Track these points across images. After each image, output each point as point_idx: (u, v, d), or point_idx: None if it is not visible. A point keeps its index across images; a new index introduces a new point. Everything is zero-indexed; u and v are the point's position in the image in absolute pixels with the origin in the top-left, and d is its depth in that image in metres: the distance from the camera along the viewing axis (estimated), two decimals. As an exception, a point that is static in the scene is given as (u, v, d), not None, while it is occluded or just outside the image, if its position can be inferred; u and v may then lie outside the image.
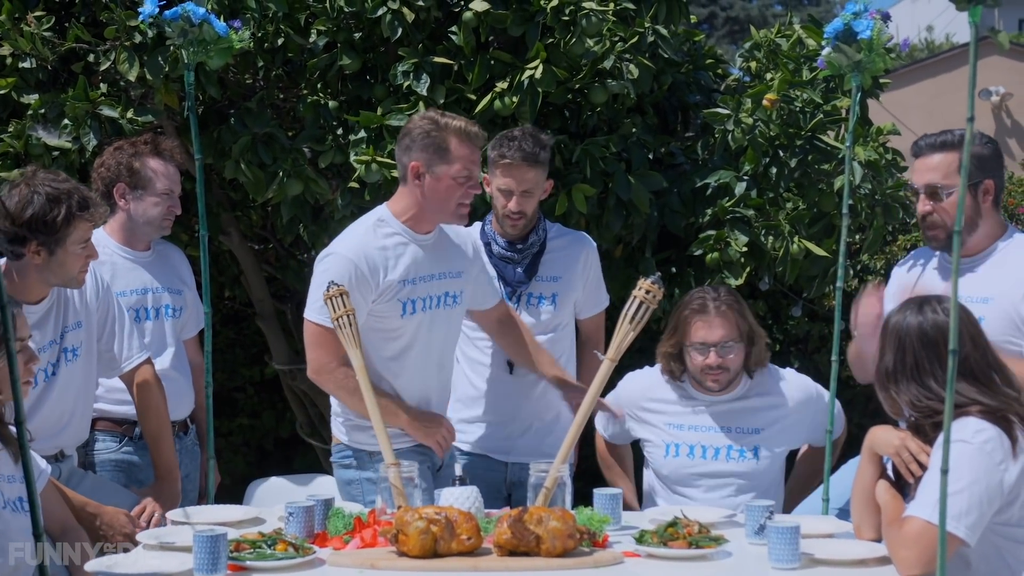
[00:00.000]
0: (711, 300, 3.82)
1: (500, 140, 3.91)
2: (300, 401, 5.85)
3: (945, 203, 3.44)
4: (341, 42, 4.67)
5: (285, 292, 5.95)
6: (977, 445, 2.75)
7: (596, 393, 3.34)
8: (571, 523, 2.91)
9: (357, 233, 3.60)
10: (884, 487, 2.97)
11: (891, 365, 2.96)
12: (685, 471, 3.85)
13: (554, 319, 4.02)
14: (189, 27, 3.60)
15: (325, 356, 3.53)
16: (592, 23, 4.49)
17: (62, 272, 3.41)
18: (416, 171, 3.56)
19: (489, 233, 4.03)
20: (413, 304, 3.59)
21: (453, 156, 3.55)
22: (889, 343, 2.97)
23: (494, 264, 3.99)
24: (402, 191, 3.63)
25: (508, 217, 3.93)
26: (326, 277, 3.46)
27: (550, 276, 4.01)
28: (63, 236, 3.35)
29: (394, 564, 2.86)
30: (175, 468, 3.80)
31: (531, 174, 3.88)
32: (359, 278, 3.50)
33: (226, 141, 4.67)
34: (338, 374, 3.52)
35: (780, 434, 3.89)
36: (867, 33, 3.50)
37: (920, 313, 2.95)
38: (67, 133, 4.48)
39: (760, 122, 4.78)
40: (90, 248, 3.45)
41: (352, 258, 3.51)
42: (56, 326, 3.52)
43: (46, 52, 4.54)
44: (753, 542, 3.08)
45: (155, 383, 3.77)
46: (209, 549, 2.71)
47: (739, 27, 30.18)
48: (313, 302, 3.53)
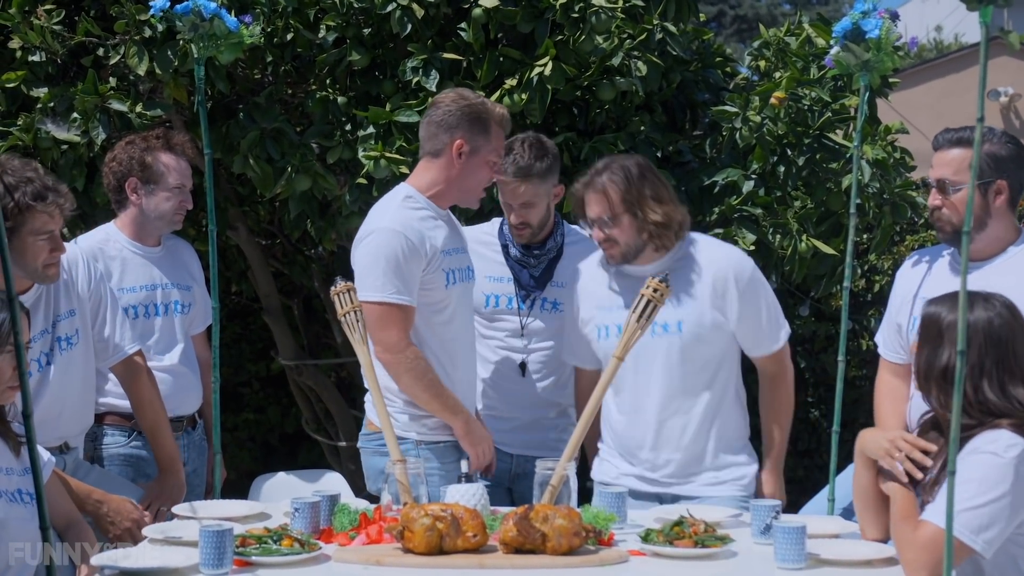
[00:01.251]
0: (594, 174, 3.67)
1: (505, 149, 3.85)
2: (306, 397, 5.86)
3: (953, 198, 3.43)
4: (350, 38, 4.67)
5: (292, 287, 5.96)
6: (1008, 460, 2.70)
7: (603, 391, 3.34)
8: (577, 521, 2.91)
9: (392, 208, 3.59)
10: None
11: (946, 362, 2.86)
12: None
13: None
14: (200, 22, 3.61)
15: (397, 334, 3.49)
16: (601, 20, 4.49)
17: (22, 263, 3.34)
18: (459, 148, 3.59)
19: (507, 235, 4.05)
20: (454, 274, 3.61)
21: (492, 138, 3.62)
22: (948, 340, 2.86)
23: (510, 267, 4.00)
24: (429, 165, 3.64)
25: (514, 228, 3.98)
26: (377, 253, 3.46)
27: (564, 282, 3.96)
28: (16, 225, 3.28)
29: (400, 561, 2.86)
30: (177, 460, 3.80)
31: (524, 188, 3.89)
32: (410, 248, 3.49)
33: (234, 136, 4.67)
34: (409, 354, 3.50)
35: (697, 308, 3.59)
36: (875, 32, 3.49)
37: (986, 308, 2.88)
38: (76, 127, 4.49)
39: (768, 120, 4.77)
40: (54, 241, 3.38)
41: (399, 230, 3.50)
42: (47, 315, 3.51)
43: (56, 46, 4.55)
44: (759, 542, 3.08)
45: (147, 375, 3.77)
46: (215, 544, 2.71)
47: (747, 26, 30.13)
48: (372, 281, 3.48)
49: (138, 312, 4.00)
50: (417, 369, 3.50)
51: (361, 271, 3.53)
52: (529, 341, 4.00)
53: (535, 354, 4.00)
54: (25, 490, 2.92)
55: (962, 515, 2.65)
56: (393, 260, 3.46)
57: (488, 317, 4.03)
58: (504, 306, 4.01)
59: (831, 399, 4.02)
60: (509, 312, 4.02)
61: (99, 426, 3.92)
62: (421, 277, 3.52)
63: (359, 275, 3.54)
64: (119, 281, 3.96)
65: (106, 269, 3.90)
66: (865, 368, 6.28)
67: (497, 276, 4.03)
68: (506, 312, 4.02)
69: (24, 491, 2.91)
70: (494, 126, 3.62)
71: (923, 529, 2.73)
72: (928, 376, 2.90)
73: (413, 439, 3.60)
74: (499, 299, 4.02)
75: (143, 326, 4.00)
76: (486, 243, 4.06)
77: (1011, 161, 3.42)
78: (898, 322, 3.61)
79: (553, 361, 3.99)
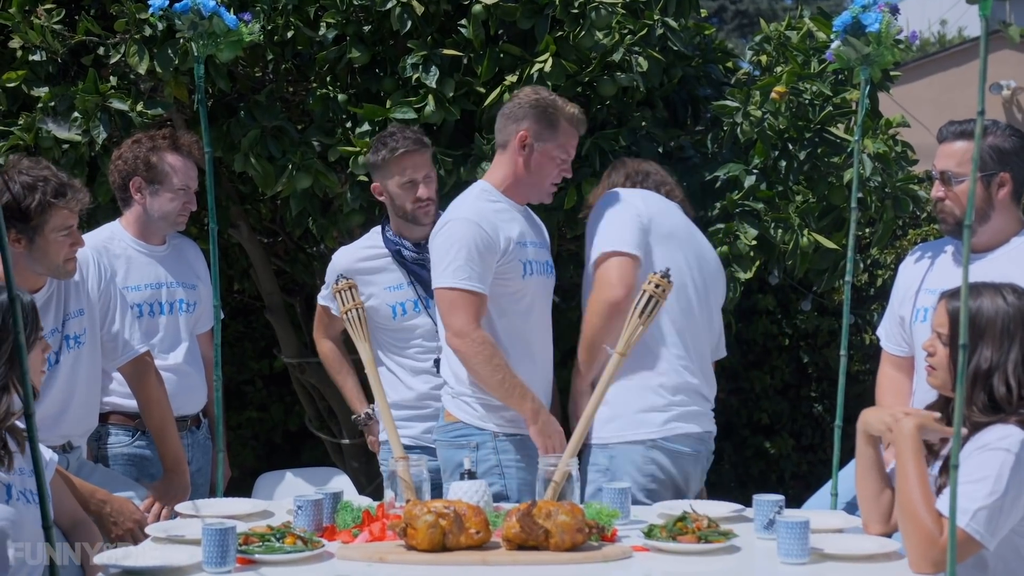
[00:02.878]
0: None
1: (381, 141, 4.00)
2: (309, 395, 5.86)
3: (956, 190, 3.44)
4: (350, 35, 4.67)
5: (294, 285, 5.95)
6: (1021, 457, 2.69)
7: (605, 388, 3.34)
8: (580, 517, 2.91)
9: (468, 200, 3.68)
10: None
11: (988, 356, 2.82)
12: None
13: None
14: (199, 20, 3.61)
15: (464, 318, 3.55)
16: (602, 16, 4.48)
17: (45, 260, 3.40)
18: (523, 140, 3.67)
19: (395, 240, 4.05)
20: (531, 266, 3.68)
21: (560, 134, 3.69)
22: (990, 336, 2.82)
23: (409, 270, 4.01)
24: (500, 160, 3.74)
25: (420, 208, 3.97)
26: (452, 242, 3.54)
27: None
28: (40, 224, 3.34)
29: (403, 558, 2.86)
30: (183, 460, 3.81)
31: (424, 159, 4.00)
32: (484, 239, 3.57)
33: (235, 134, 4.67)
34: (476, 337, 3.55)
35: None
36: (876, 26, 3.49)
37: (1015, 295, 2.85)
38: (77, 126, 4.49)
39: (769, 115, 4.76)
40: (74, 236, 3.44)
41: (474, 220, 3.58)
42: (57, 314, 3.53)
43: (56, 45, 4.55)
44: (762, 537, 3.08)
45: (155, 376, 3.78)
46: (218, 542, 2.71)
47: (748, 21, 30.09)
48: (445, 268, 3.56)
49: (143, 311, 4.01)
50: (484, 353, 3.54)
51: (437, 258, 3.62)
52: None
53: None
54: (30, 489, 2.93)
55: (979, 514, 2.65)
56: (467, 248, 3.55)
57: (397, 328, 4.03)
58: (411, 311, 4.03)
59: (834, 394, 4.01)
60: (417, 315, 4.02)
61: (103, 425, 3.92)
62: (496, 267, 3.59)
63: (434, 262, 3.63)
64: (124, 279, 3.97)
65: (111, 267, 3.90)
66: (868, 363, 6.28)
67: (395, 285, 4.04)
68: (414, 316, 4.03)
69: (29, 490, 2.92)
70: (563, 122, 3.70)
71: (942, 526, 2.70)
72: (966, 375, 2.79)
73: (491, 431, 3.64)
74: (405, 306, 4.03)
75: (148, 325, 4.00)
76: (373, 256, 4.07)
77: (1015, 154, 3.42)
78: (901, 315, 3.61)
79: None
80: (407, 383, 4.05)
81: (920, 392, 3.48)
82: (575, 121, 3.74)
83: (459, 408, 3.69)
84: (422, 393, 4.02)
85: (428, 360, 4.02)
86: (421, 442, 4.01)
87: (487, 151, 4.48)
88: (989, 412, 2.78)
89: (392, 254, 4.04)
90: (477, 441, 3.64)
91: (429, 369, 4.01)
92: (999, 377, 2.80)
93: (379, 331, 4.06)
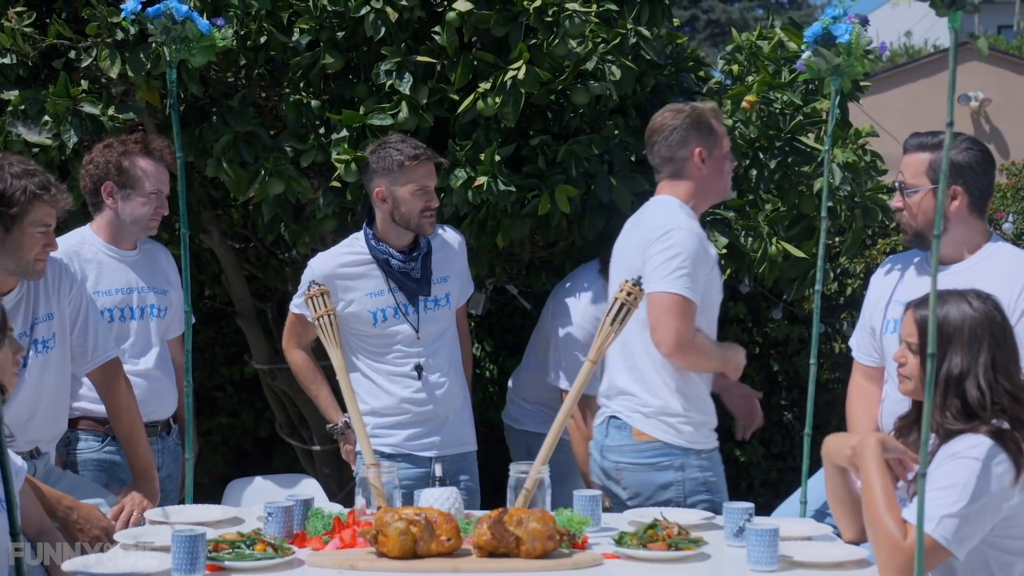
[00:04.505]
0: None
1: (391, 147, 4.00)
2: (279, 401, 5.83)
3: (910, 200, 3.49)
4: (324, 41, 4.66)
5: (265, 291, 5.93)
6: (988, 466, 2.70)
7: (576, 395, 3.35)
8: (551, 524, 2.91)
9: (677, 213, 3.74)
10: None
11: (961, 362, 2.83)
12: None
13: (447, 318, 4.13)
14: (171, 24, 3.59)
15: (686, 325, 3.62)
16: (575, 24, 4.49)
17: (17, 254, 3.36)
18: (700, 156, 3.77)
19: (382, 249, 4.04)
20: (714, 283, 3.82)
21: (720, 134, 3.83)
22: (958, 342, 2.84)
23: (395, 278, 4.02)
24: (675, 183, 3.84)
25: (426, 217, 4.01)
26: (679, 250, 3.62)
27: (440, 277, 4.11)
28: (20, 214, 3.32)
29: (373, 565, 2.86)
30: (152, 466, 3.79)
31: (433, 168, 4.05)
32: (703, 252, 3.68)
33: (208, 139, 4.65)
34: (695, 340, 3.64)
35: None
36: (846, 37, 3.52)
37: (979, 301, 2.87)
38: (47, 130, 4.46)
39: (740, 124, 4.79)
40: (49, 236, 3.42)
41: (696, 232, 3.71)
42: (26, 318, 3.50)
43: (27, 48, 4.51)
44: (732, 544, 3.09)
45: (124, 381, 3.76)
46: (188, 549, 2.70)
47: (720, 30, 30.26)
48: (669, 275, 3.61)
49: (113, 316, 3.99)
50: (703, 346, 3.67)
51: (657, 264, 3.64)
52: (424, 343, 4.05)
53: (431, 356, 4.07)
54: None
55: (945, 521, 2.66)
56: (690, 258, 3.62)
57: (377, 334, 4.04)
58: (392, 317, 4.03)
59: (804, 402, 4.04)
60: (398, 322, 4.03)
61: (73, 431, 3.90)
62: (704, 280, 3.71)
63: (654, 268, 3.64)
64: (95, 284, 3.95)
65: (82, 272, 3.89)
66: (838, 371, 6.31)
67: (376, 291, 4.04)
68: (395, 323, 4.03)
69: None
70: (713, 121, 3.83)
71: (905, 531, 2.72)
72: (936, 383, 2.81)
73: (696, 449, 3.72)
74: (385, 312, 4.03)
75: (118, 330, 3.98)
76: (355, 263, 4.07)
77: (969, 168, 3.45)
78: (872, 325, 3.64)
79: (448, 357, 4.11)
80: (386, 389, 4.05)
81: (889, 401, 3.50)
82: (716, 113, 3.89)
83: (660, 428, 3.70)
84: (402, 398, 4.04)
85: (407, 365, 4.03)
86: (403, 450, 4.03)
87: (460, 157, 4.48)
88: (963, 418, 2.79)
89: (378, 261, 4.04)
90: (681, 461, 3.69)
91: (409, 374, 4.03)
92: (971, 382, 2.81)
93: (357, 337, 4.06)
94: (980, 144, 3.54)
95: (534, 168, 4.72)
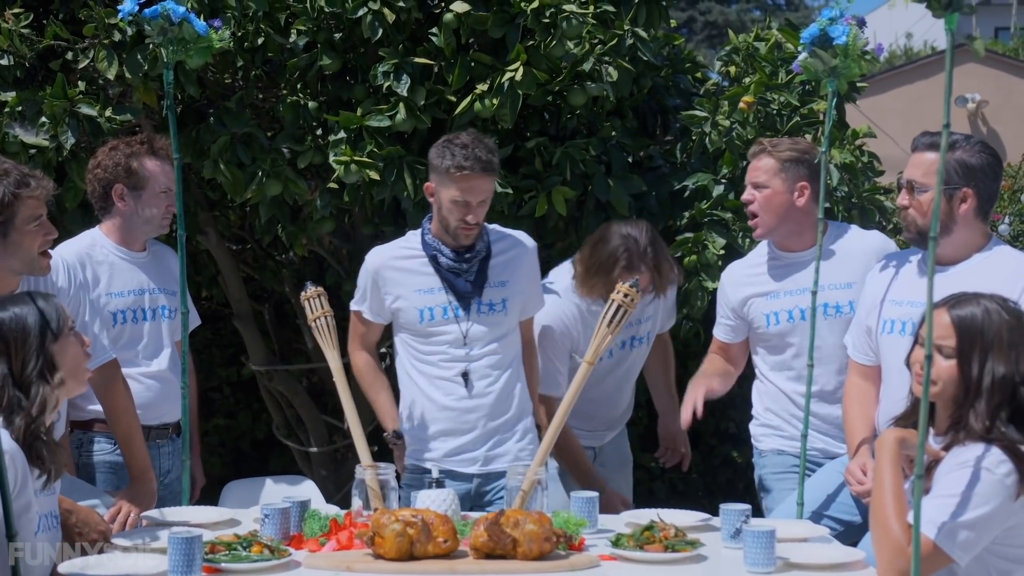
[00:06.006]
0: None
1: (449, 148, 3.75)
2: (276, 402, 5.83)
3: (919, 199, 3.48)
4: (321, 42, 4.66)
5: (262, 292, 5.94)
6: (999, 478, 2.69)
7: (574, 396, 3.35)
8: (548, 526, 2.91)
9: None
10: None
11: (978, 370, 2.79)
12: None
13: (503, 325, 3.90)
14: (169, 26, 3.58)
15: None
16: (572, 26, 4.50)
17: (21, 254, 3.35)
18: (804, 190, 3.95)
19: (432, 244, 3.87)
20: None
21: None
22: (997, 348, 2.79)
23: (443, 277, 3.85)
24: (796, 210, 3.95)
25: (463, 229, 3.80)
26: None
27: (498, 282, 3.89)
28: (9, 217, 3.30)
29: (370, 567, 2.86)
30: (149, 469, 3.78)
31: (488, 184, 3.79)
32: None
33: (205, 140, 4.65)
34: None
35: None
36: (843, 39, 3.52)
37: (1003, 303, 2.83)
38: (44, 131, 4.45)
39: (737, 125, 4.79)
40: (46, 226, 3.40)
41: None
42: None
43: (24, 49, 4.51)
44: (729, 546, 3.09)
45: (123, 383, 3.75)
46: (184, 551, 2.70)
47: (717, 32, 30.29)
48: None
49: (126, 317, 3.98)
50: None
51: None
52: (471, 348, 3.87)
53: (478, 361, 3.87)
54: (52, 512, 2.90)
55: (949, 528, 2.66)
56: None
57: (424, 333, 3.86)
58: (440, 317, 3.85)
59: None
60: (446, 323, 3.86)
61: (86, 433, 3.90)
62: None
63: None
64: (107, 286, 3.94)
65: (94, 274, 3.88)
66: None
67: (427, 288, 3.86)
68: (443, 323, 3.85)
69: (51, 513, 2.90)
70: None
71: (908, 535, 2.70)
72: (977, 388, 2.78)
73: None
74: (434, 311, 3.85)
75: (131, 331, 3.98)
76: (408, 256, 3.90)
77: (980, 171, 3.44)
78: (868, 325, 3.64)
79: (499, 366, 3.90)
80: (428, 393, 3.88)
81: (886, 402, 3.50)
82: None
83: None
84: (442, 405, 3.86)
85: (452, 370, 3.86)
86: (444, 466, 3.79)
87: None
88: (1017, 425, 2.75)
89: (428, 258, 3.87)
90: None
91: (453, 379, 3.86)
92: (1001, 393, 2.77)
93: (404, 337, 3.92)
94: (991, 148, 3.53)
95: (531, 169, 4.72)
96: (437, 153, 3.80)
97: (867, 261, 3.83)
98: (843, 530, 3.63)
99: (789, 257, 3.98)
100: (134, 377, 3.86)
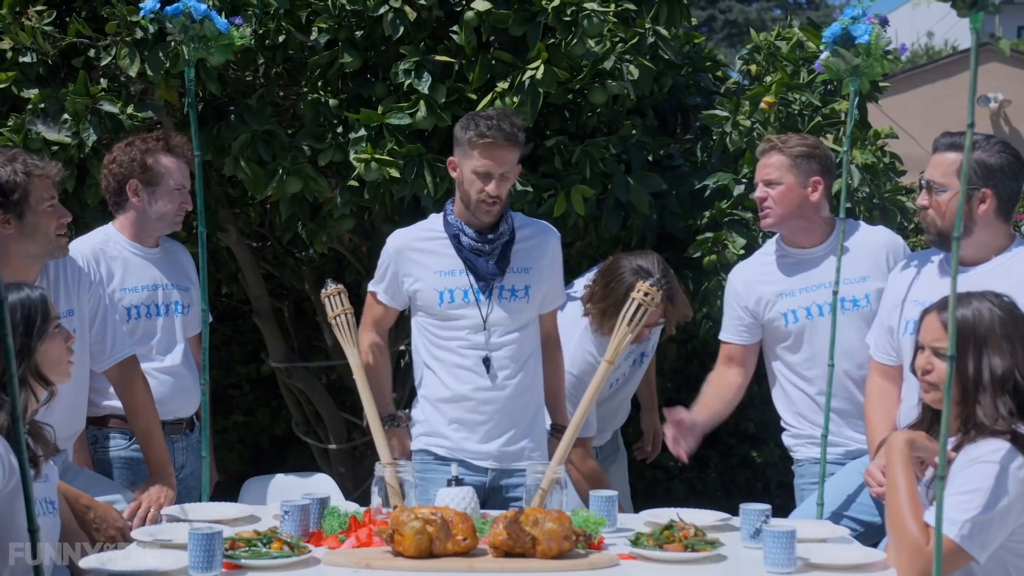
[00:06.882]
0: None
1: (474, 120, 3.70)
2: (295, 399, 5.85)
3: (938, 200, 3.46)
4: (342, 40, 4.67)
5: (282, 290, 5.95)
6: (1012, 472, 2.68)
7: (594, 394, 3.35)
8: (567, 525, 2.91)
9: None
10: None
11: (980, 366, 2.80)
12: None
13: (525, 314, 3.81)
14: (190, 23, 3.60)
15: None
16: (593, 24, 4.49)
17: (38, 236, 3.39)
18: (817, 185, 3.97)
19: (455, 224, 3.77)
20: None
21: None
22: (992, 343, 2.81)
23: (464, 257, 3.76)
24: (815, 207, 3.97)
25: (484, 203, 3.70)
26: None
27: (521, 267, 3.81)
28: (24, 196, 3.34)
29: (389, 564, 2.86)
30: (168, 464, 3.80)
31: (511, 155, 3.71)
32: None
33: (225, 138, 4.67)
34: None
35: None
36: (865, 38, 3.50)
37: (999, 300, 2.85)
38: (67, 128, 4.48)
39: (758, 124, 4.78)
40: (59, 208, 3.45)
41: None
42: None
43: (47, 46, 4.54)
44: (748, 546, 3.08)
45: (142, 379, 3.77)
46: (204, 547, 2.71)
47: (737, 31, 30.18)
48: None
49: (140, 312, 4.00)
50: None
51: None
52: (491, 335, 3.77)
53: (498, 351, 3.78)
54: (50, 498, 2.92)
55: (966, 525, 2.65)
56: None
57: (442, 316, 3.77)
58: (460, 300, 3.76)
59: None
60: (466, 306, 3.76)
61: (102, 428, 3.92)
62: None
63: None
64: (121, 281, 3.96)
65: (108, 270, 3.90)
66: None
67: (448, 270, 3.77)
68: (463, 306, 3.76)
69: (48, 499, 2.91)
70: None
71: (927, 535, 2.70)
72: (976, 385, 2.80)
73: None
74: (454, 293, 3.75)
75: (145, 327, 4.00)
76: (429, 237, 3.82)
77: (1000, 171, 3.41)
78: (889, 325, 3.62)
79: (517, 358, 3.81)
80: (444, 380, 3.79)
81: (908, 402, 3.49)
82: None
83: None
84: (459, 394, 3.78)
85: (470, 357, 3.77)
86: (457, 455, 3.74)
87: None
88: (1019, 418, 2.76)
89: (450, 237, 3.77)
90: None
91: (472, 367, 3.77)
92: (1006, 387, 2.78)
93: (421, 321, 3.84)
94: (1012, 148, 3.50)
95: (551, 168, 4.72)
96: (462, 126, 3.75)
97: (877, 255, 3.88)
98: (863, 531, 3.62)
99: (800, 254, 3.96)
100: (148, 372, 3.88)
